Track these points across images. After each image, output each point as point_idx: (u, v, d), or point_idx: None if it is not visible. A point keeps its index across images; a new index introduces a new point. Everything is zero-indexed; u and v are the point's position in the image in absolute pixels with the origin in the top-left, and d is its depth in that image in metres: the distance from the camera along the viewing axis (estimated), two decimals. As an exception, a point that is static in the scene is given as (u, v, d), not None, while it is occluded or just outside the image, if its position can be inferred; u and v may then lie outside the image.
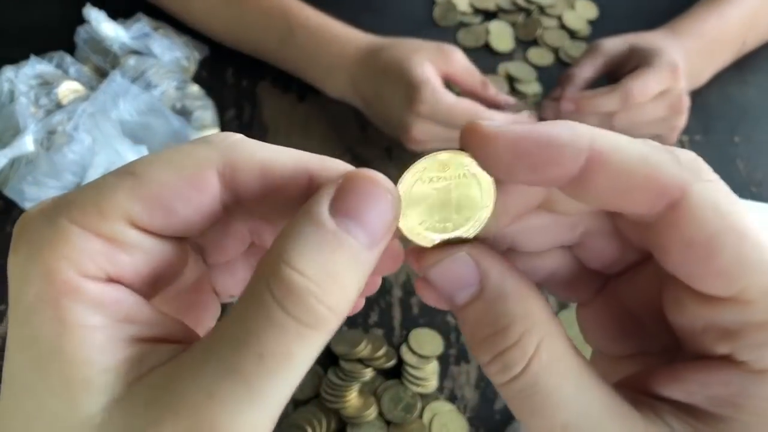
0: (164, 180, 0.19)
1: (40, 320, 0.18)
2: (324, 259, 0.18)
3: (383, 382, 0.53)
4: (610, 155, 0.19)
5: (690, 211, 0.18)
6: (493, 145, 0.19)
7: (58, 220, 0.19)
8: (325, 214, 0.18)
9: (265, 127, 0.71)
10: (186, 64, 0.73)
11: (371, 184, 0.19)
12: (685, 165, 0.19)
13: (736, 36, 0.71)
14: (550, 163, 0.19)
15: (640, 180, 0.19)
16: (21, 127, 0.60)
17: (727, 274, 0.18)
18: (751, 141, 0.71)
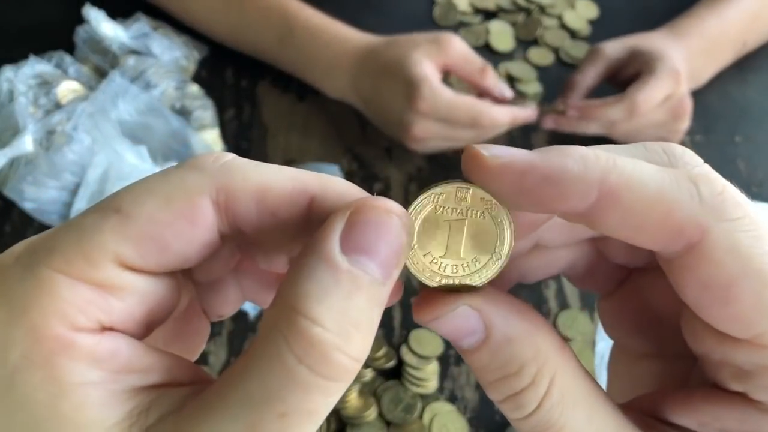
0: (153, 214, 0.18)
1: (29, 383, 0.16)
2: (344, 306, 0.17)
3: (383, 383, 0.53)
4: (622, 193, 0.17)
5: (708, 255, 0.17)
6: (497, 178, 0.18)
7: (38, 270, 0.17)
8: (337, 253, 0.17)
9: (265, 127, 0.71)
10: (185, 64, 0.73)
11: (384, 215, 0.18)
12: (706, 202, 0.18)
13: (736, 36, 0.71)
14: (558, 198, 0.18)
15: (655, 219, 0.17)
16: (20, 127, 0.60)
17: (745, 319, 0.17)
18: (751, 141, 0.71)
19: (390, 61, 0.64)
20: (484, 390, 0.20)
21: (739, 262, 0.17)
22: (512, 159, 0.18)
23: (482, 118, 0.60)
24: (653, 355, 0.23)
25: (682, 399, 0.20)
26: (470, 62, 0.64)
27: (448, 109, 0.60)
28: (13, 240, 0.61)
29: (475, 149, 0.19)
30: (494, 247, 0.19)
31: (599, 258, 0.23)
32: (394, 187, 0.67)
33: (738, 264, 0.17)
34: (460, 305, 0.19)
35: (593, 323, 0.57)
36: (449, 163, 0.68)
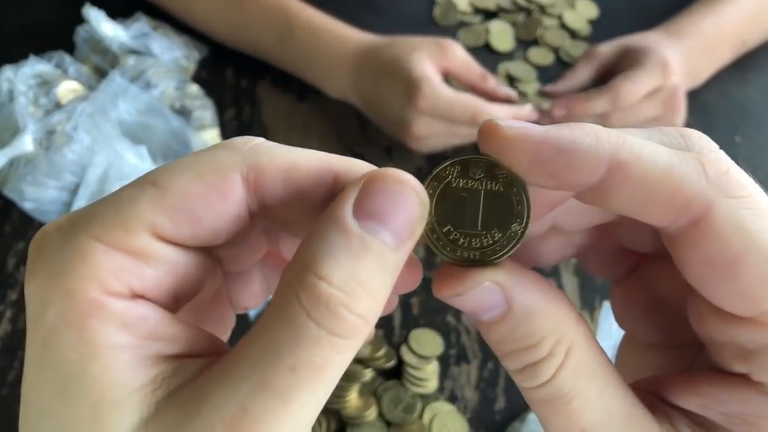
0: (188, 188, 0.19)
1: (63, 342, 0.17)
2: (351, 265, 0.17)
3: (383, 383, 0.53)
4: (632, 167, 0.18)
5: (712, 230, 0.18)
6: (512, 148, 0.19)
7: (78, 237, 0.18)
8: (350, 218, 0.18)
9: (265, 127, 0.71)
10: (185, 64, 0.73)
11: (395, 183, 0.18)
12: (712, 179, 0.18)
13: (734, 35, 0.71)
14: (571, 170, 0.18)
15: (662, 193, 0.18)
16: (20, 127, 0.60)
17: (749, 296, 0.18)
18: (752, 141, 0.71)
19: (390, 61, 0.64)
20: (498, 358, 0.20)
21: (743, 238, 0.17)
22: (527, 130, 0.18)
23: (482, 116, 0.61)
24: (660, 344, 0.23)
25: (685, 382, 0.20)
26: (471, 68, 0.64)
27: (448, 107, 0.60)
28: (13, 240, 0.62)
29: (492, 121, 0.19)
30: (512, 219, 0.20)
31: (612, 243, 0.24)
32: (394, 187, 0.67)
33: (742, 240, 0.17)
34: (486, 281, 0.19)
35: (593, 323, 0.57)
36: (449, 163, 0.68)
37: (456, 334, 0.56)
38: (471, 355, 0.55)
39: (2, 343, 0.56)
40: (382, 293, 0.18)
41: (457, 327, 0.57)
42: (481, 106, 0.61)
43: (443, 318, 0.58)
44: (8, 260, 0.61)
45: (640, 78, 0.62)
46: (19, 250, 0.62)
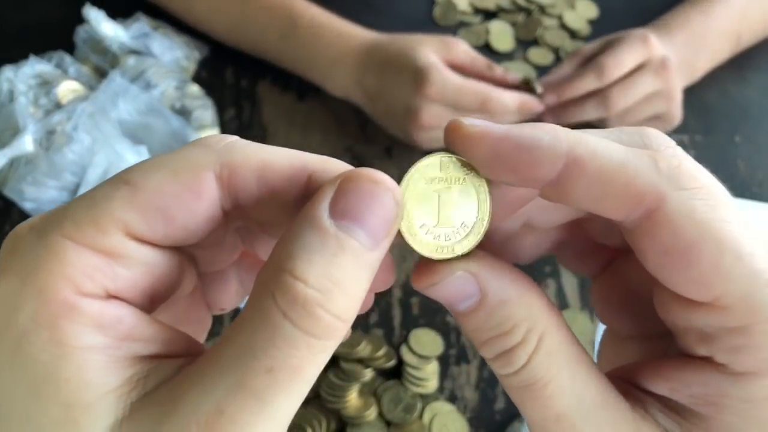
0: (161, 186, 0.19)
1: (35, 344, 0.17)
2: (327, 265, 0.18)
3: (383, 383, 0.53)
4: (587, 161, 0.19)
5: (666, 221, 0.19)
6: (474, 145, 0.20)
7: (50, 236, 0.18)
8: (325, 217, 0.18)
9: (265, 126, 0.71)
10: (185, 64, 0.73)
11: (371, 183, 0.19)
12: (664, 172, 0.19)
13: (728, 29, 0.71)
14: (530, 165, 0.19)
15: (616, 187, 0.19)
16: (20, 127, 0.60)
17: (704, 282, 0.18)
18: (751, 141, 0.71)
19: (396, 54, 0.64)
20: (476, 347, 0.21)
21: (695, 226, 0.18)
22: (488, 127, 0.19)
23: (491, 102, 0.61)
24: (636, 336, 0.24)
25: (655, 368, 0.21)
26: (476, 60, 0.65)
27: (457, 93, 0.61)
28: (13, 240, 0.62)
29: (456, 120, 0.20)
30: (478, 213, 0.21)
31: (585, 239, 0.24)
32: (394, 187, 0.67)
33: (695, 228, 0.18)
34: (459, 271, 0.20)
35: (593, 323, 0.57)
36: (449, 163, 0.68)
37: (456, 334, 0.56)
38: (471, 355, 0.55)
39: None
40: (359, 292, 0.18)
41: (457, 327, 0.57)
42: (491, 93, 0.61)
43: (443, 318, 0.58)
44: (8, 260, 0.61)
45: (621, 50, 0.63)
46: (19, 250, 0.62)
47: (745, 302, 0.18)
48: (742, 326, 0.18)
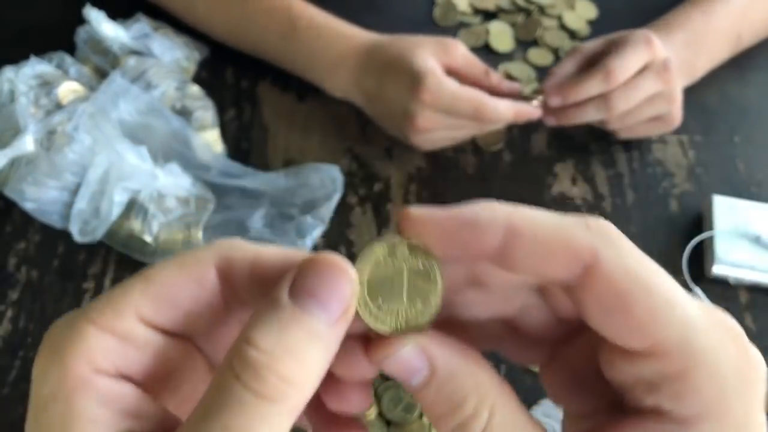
0: (170, 278, 0.22)
1: (52, 413, 0.20)
2: (280, 333, 0.19)
3: (383, 382, 0.53)
4: (524, 229, 0.21)
5: (601, 274, 0.20)
6: (424, 227, 0.22)
7: (77, 322, 0.21)
8: (284, 295, 0.20)
9: (265, 127, 0.71)
10: (186, 65, 0.73)
11: (326, 264, 0.21)
12: (594, 231, 0.21)
13: (727, 29, 0.71)
14: (473, 240, 0.21)
15: (554, 248, 0.21)
16: (21, 128, 0.60)
17: (640, 329, 0.20)
18: (751, 141, 0.71)
19: (395, 57, 0.64)
20: (434, 426, 0.23)
21: (628, 277, 0.20)
22: (434, 213, 0.22)
23: (485, 111, 0.61)
24: (590, 413, 0.25)
25: (610, 430, 0.22)
26: (474, 65, 0.65)
27: (452, 100, 0.61)
28: (14, 240, 0.62)
29: (405, 210, 0.22)
30: (431, 291, 0.22)
31: (522, 335, 0.25)
32: (394, 187, 0.67)
33: (627, 279, 0.20)
34: (408, 344, 0.22)
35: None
36: (449, 163, 0.68)
37: (456, 334, 0.57)
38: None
39: (3, 342, 0.56)
40: (312, 363, 0.20)
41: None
42: (485, 100, 0.61)
43: (443, 318, 0.58)
44: (9, 260, 0.61)
45: (626, 53, 0.62)
46: (19, 250, 0.62)
47: (681, 347, 0.20)
48: (680, 370, 0.20)
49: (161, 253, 0.59)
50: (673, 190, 0.67)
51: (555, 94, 0.63)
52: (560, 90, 0.63)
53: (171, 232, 0.59)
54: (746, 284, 0.60)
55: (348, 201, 0.65)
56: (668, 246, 0.63)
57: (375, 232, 0.64)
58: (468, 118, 0.62)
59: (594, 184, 0.68)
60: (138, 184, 0.58)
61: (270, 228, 0.61)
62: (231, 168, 0.65)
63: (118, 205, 0.58)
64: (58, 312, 0.58)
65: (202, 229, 0.60)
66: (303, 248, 0.60)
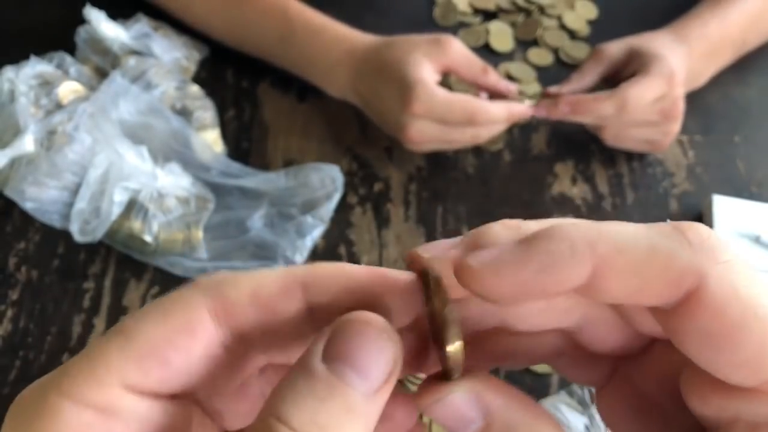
0: (153, 333, 0.18)
1: None
2: (315, 409, 0.17)
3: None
4: (615, 259, 0.17)
5: (709, 299, 0.17)
6: (488, 285, 0.18)
7: (47, 395, 0.18)
8: (317, 361, 0.17)
9: (265, 127, 0.71)
10: (186, 65, 0.73)
11: (365, 326, 0.18)
12: (697, 247, 0.17)
13: (737, 37, 0.71)
14: (555, 285, 0.17)
15: (652, 276, 0.17)
16: (21, 127, 0.60)
17: (752, 365, 0.17)
18: (751, 141, 0.71)
19: (388, 62, 0.64)
20: None
21: (740, 304, 0.17)
22: (499, 261, 0.18)
23: (478, 115, 0.61)
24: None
25: None
26: (471, 63, 0.64)
27: (444, 109, 0.60)
28: (14, 240, 0.62)
29: (461, 262, 0.18)
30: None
31: (582, 349, 0.22)
32: (394, 187, 0.67)
33: (740, 306, 0.17)
34: (457, 389, 0.19)
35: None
36: (449, 163, 0.68)
37: (456, 334, 0.57)
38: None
39: (3, 342, 0.56)
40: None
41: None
42: (479, 106, 0.61)
43: (443, 318, 0.58)
44: (9, 260, 0.61)
45: (647, 85, 0.62)
46: (20, 250, 0.62)
47: None
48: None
49: (161, 252, 0.59)
50: (673, 190, 0.67)
51: (566, 105, 0.63)
52: (573, 103, 0.63)
53: (171, 232, 0.59)
54: (746, 284, 0.60)
55: (348, 201, 0.65)
56: (668, 246, 0.63)
57: (375, 232, 0.64)
58: (462, 126, 0.61)
59: (594, 183, 0.68)
60: (138, 183, 0.58)
61: (270, 228, 0.61)
62: (231, 168, 0.65)
63: (118, 204, 0.58)
64: (58, 312, 0.58)
65: (202, 229, 0.60)
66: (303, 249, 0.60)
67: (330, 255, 0.62)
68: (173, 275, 0.59)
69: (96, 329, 0.57)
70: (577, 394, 0.53)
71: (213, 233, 0.61)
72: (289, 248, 0.59)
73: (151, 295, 0.59)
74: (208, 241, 0.60)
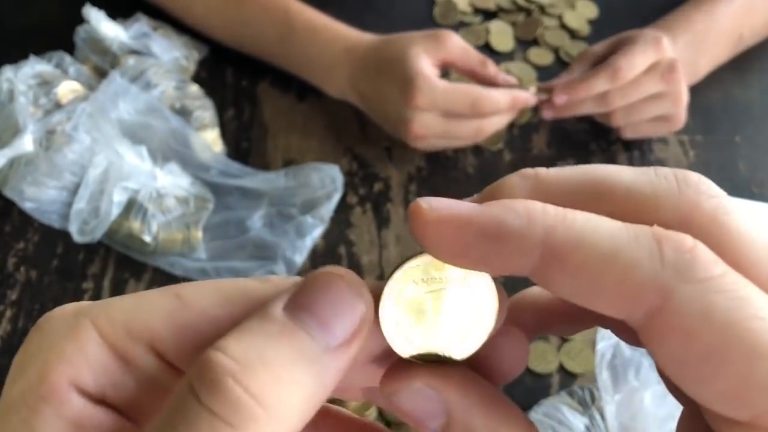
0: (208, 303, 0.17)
1: (12, 419, 0.16)
2: (260, 343, 0.15)
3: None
4: (568, 252, 0.15)
5: (675, 322, 0.15)
6: (434, 233, 0.16)
7: (81, 321, 0.17)
8: (277, 308, 0.16)
9: (265, 127, 0.71)
10: (185, 64, 0.73)
11: (336, 278, 0.16)
12: (669, 261, 0.15)
13: (729, 29, 0.71)
14: (498, 257, 0.16)
15: (608, 282, 0.15)
16: (20, 127, 0.60)
17: (736, 398, 0.15)
18: (752, 141, 0.71)
19: (388, 60, 0.64)
20: None
21: (715, 329, 0.14)
22: (450, 212, 0.16)
23: (482, 102, 0.60)
24: None
25: None
26: (470, 55, 0.64)
27: (447, 99, 0.60)
28: (14, 240, 0.62)
29: (416, 203, 0.17)
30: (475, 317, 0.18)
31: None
32: (394, 187, 0.67)
33: (714, 332, 0.14)
34: (416, 382, 0.17)
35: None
36: (449, 163, 0.68)
37: (456, 334, 0.56)
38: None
39: (2, 342, 0.56)
40: (298, 390, 0.15)
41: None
42: (481, 92, 0.61)
43: (443, 318, 0.58)
44: (8, 260, 0.61)
45: (634, 52, 0.62)
46: (19, 250, 0.62)
47: None
48: None
49: (160, 252, 0.59)
50: (674, 190, 0.66)
51: (562, 92, 0.63)
52: (567, 87, 0.64)
53: (170, 232, 0.59)
54: (747, 284, 0.60)
55: (348, 201, 0.65)
56: (669, 246, 0.63)
57: (375, 232, 0.64)
58: (466, 115, 0.61)
59: (594, 183, 0.67)
60: (137, 183, 0.58)
61: (270, 228, 0.61)
62: (230, 168, 0.65)
63: (118, 204, 0.57)
64: (58, 312, 0.58)
65: (201, 229, 0.60)
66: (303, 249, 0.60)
67: (330, 255, 0.62)
68: (172, 275, 0.59)
69: (95, 329, 0.57)
70: (578, 395, 0.52)
71: (212, 233, 0.61)
72: (289, 248, 0.59)
73: (151, 296, 0.59)
74: (207, 241, 0.60)
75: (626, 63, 0.62)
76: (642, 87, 0.63)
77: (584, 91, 0.63)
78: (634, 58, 0.62)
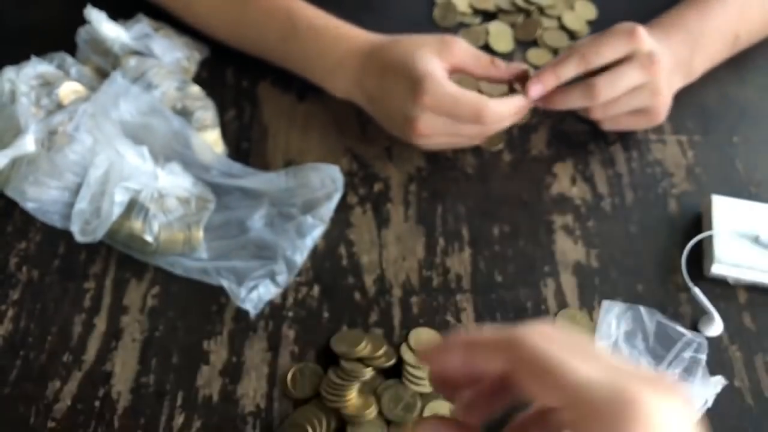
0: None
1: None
2: None
3: (383, 382, 0.53)
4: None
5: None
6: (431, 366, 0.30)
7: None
8: None
9: (265, 127, 0.71)
10: (186, 65, 0.73)
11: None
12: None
13: (723, 29, 0.71)
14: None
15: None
16: (22, 128, 0.60)
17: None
18: (750, 141, 0.71)
19: (395, 59, 0.64)
20: None
21: None
22: (445, 357, 0.33)
23: (486, 113, 0.60)
24: None
25: None
26: (479, 59, 0.65)
27: (452, 104, 0.60)
28: (15, 240, 0.62)
29: (421, 349, 0.29)
30: None
31: None
32: (394, 187, 0.67)
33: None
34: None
35: (592, 322, 0.57)
36: (449, 163, 0.69)
37: (456, 334, 0.57)
38: (470, 354, 0.56)
39: (4, 342, 0.56)
40: None
41: (457, 327, 0.58)
42: (486, 104, 0.61)
43: (443, 317, 0.58)
44: (10, 260, 0.61)
45: (602, 39, 0.62)
46: (20, 250, 0.62)
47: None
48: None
49: (162, 252, 0.59)
50: (672, 190, 0.67)
51: (535, 83, 0.63)
52: (539, 78, 0.63)
53: (172, 232, 0.59)
54: (745, 284, 0.60)
55: (348, 201, 0.66)
56: (667, 246, 0.63)
57: (375, 232, 0.64)
58: (469, 123, 0.62)
59: (593, 183, 0.68)
60: (139, 184, 0.58)
61: (270, 228, 0.61)
62: (231, 168, 0.65)
63: (119, 205, 0.58)
64: (59, 312, 0.58)
65: (202, 229, 0.60)
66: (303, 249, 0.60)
67: (330, 255, 0.62)
68: (174, 275, 0.60)
69: (97, 329, 0.57)
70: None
71: (213, 233, 0.61)
72: (290, 248, 0.59)
73: (152, 295, 0.59)
74: (208, 241, 0.61)
75: (593, 47, 0.62)
76: (625, 78, 0.62)
77: (554, 77, 0.63)
78: (602, 44, 0.62)
